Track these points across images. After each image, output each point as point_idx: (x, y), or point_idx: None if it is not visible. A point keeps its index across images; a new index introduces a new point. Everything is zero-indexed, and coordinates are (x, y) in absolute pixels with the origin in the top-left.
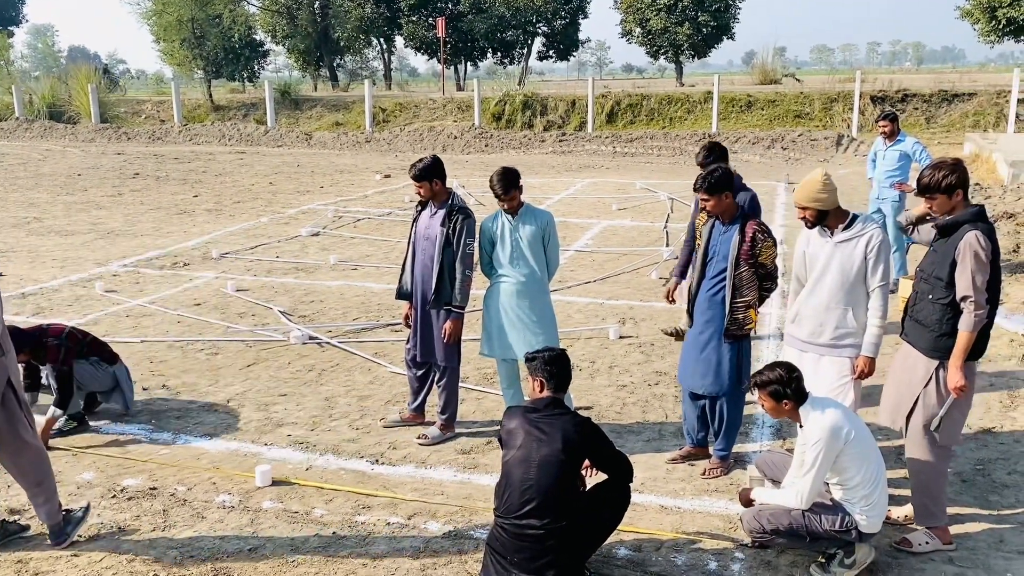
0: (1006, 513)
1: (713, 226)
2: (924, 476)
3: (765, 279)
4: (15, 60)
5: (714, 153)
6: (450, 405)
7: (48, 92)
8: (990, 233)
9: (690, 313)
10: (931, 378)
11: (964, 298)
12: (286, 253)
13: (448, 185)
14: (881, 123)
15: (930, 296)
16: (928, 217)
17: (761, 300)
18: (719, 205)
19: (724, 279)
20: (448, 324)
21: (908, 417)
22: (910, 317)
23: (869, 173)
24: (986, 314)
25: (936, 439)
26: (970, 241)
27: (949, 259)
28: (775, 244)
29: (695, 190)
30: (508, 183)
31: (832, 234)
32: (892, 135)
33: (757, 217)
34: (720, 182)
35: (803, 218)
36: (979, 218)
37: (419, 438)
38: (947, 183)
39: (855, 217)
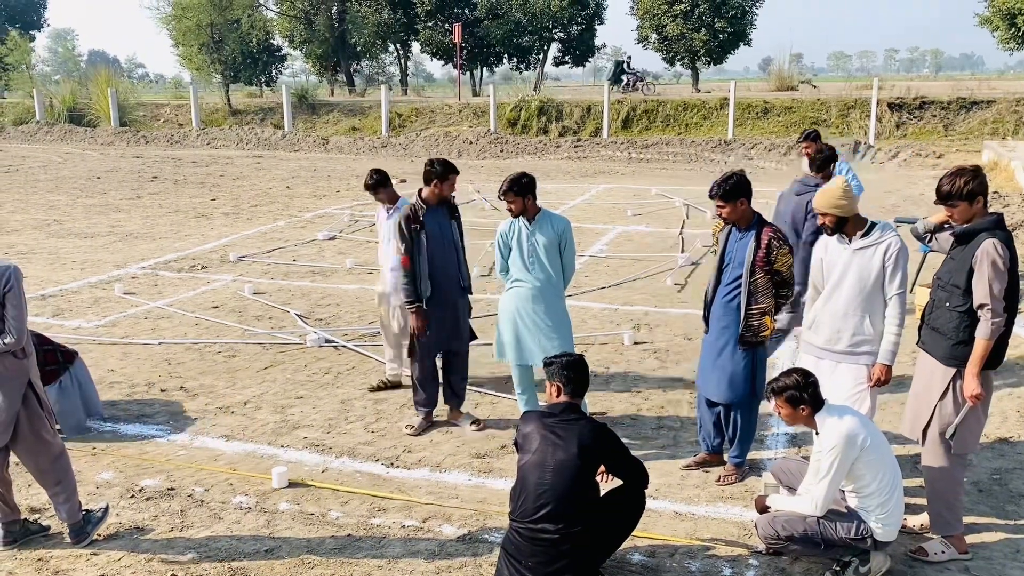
0: (1023, 523)
1: (730, 232)
2: (940, 485)
3: (781, 286)
4: (36, 64)
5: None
6: (464, 389)
7: (68, 96)
8: (1008, 241)
9: (706, 319)
10: (948, 386)
11: (981, 306)
12: (303, 256)
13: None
14: (803, 144)
15: (947, 304)
16: (946, 225)
17: (777, 307)
18: (735, 212)
19: (739, 286)
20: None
21: (926, 425)
22: (927, 325)
23: None
24: (1004, 322)
25: (952, 447)
26: (987, 249)
27: (966, 267)
28: (791, 251)
29: (711, 196)
30: (510, 186)
31: (850, 241)
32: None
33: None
34: (736, 189)
35: (823, 224)
36: (997, 226)
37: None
38: (968, 190)
39: (874, 224)
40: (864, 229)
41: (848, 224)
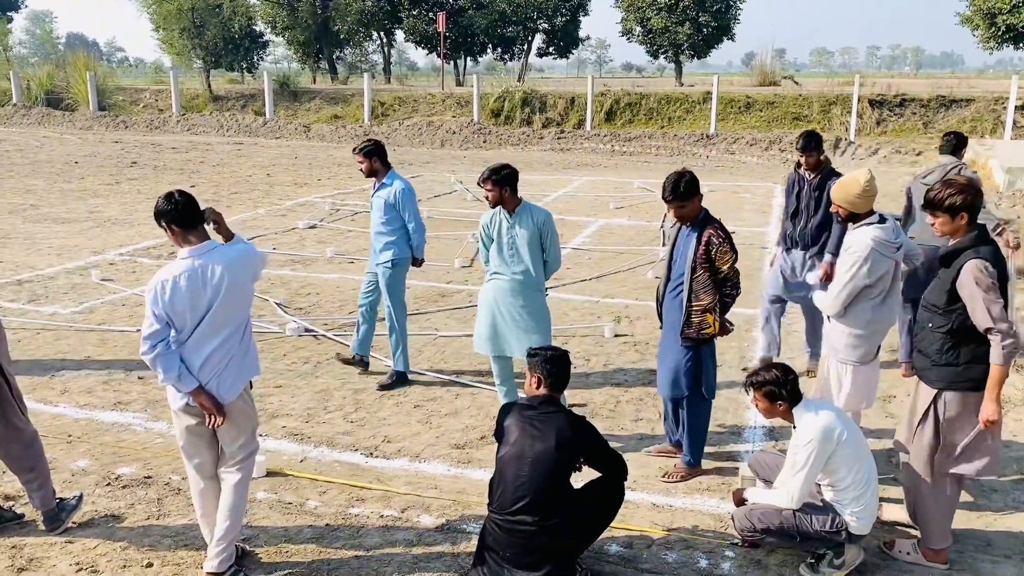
0: (993, 517)
1: (680, 229)
2: (925, 502)
3: (724, 284)
4: (13, 46)
5: (813, 138)
6: None
7: (46, 79)
8: (994, 255)
9: (659, 314)
10: (929, 408)
11: (987, 330)
12: (283, 245)
13: (452, 181)
14: (358, 159)
15: (930, 324)
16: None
17: (723, 306)
18: (693, 209)
19: (683, 282)
20: None
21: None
22: (915, 348)
23: None
24: (1017, 343)
25: (933, 468)
26: (972, 272)
27: (947, 287)
28: (733, 250)
29: (665, 200)
30: (489, 174)
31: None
32: (373, 174)
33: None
34: (689, 188)
35: (835, 211)
36: (980, 242)
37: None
38: (950, 203)
39: (870, 222)
40: (860, 223)
41: (860, 217)
